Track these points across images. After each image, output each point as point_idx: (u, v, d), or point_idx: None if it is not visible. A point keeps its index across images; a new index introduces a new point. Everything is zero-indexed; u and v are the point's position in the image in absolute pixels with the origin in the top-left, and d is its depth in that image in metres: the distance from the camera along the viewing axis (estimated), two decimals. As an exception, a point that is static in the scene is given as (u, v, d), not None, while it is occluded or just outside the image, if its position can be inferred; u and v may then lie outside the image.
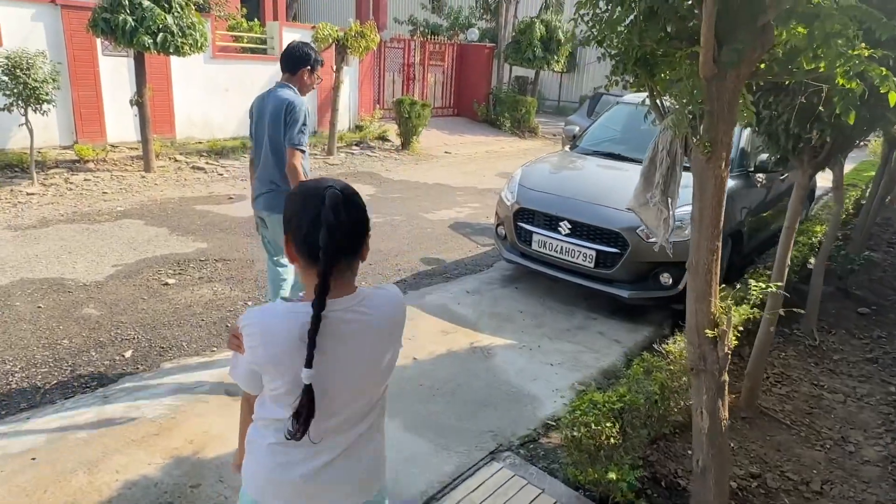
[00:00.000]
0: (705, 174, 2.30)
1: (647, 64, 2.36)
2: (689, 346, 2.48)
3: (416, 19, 20.16)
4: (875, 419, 3.80)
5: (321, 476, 1.46)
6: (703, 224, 2.35)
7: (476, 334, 4.62)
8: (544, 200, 5.22)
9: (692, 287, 2.42)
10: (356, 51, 11.30)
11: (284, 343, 1.35)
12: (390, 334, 1.51)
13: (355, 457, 1.50)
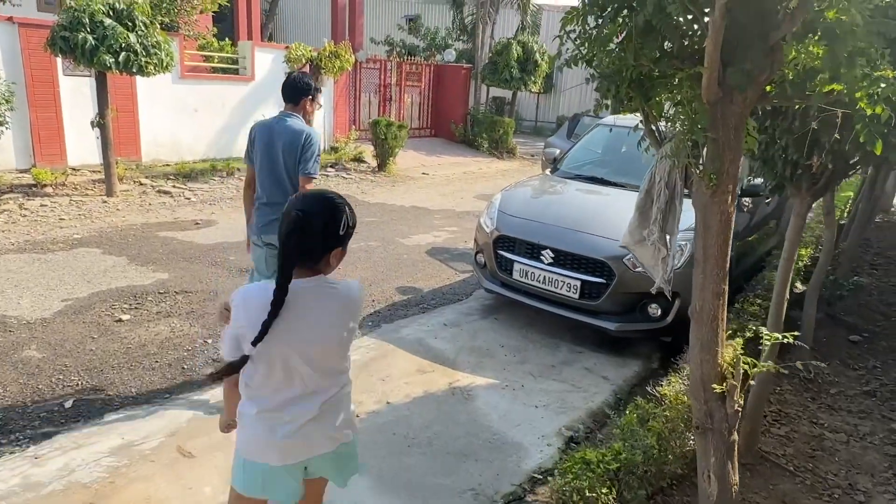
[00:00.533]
0: (710, 209, 2.04)
1: (641, 86, 2.11)
2: (695, 401, 2.21)
3: (393, 40, 20.05)
4: (881, 462, 3.56)
5: (296, 435, 1.80)
6: (707, 265, 2.08)
7: (455, 373, 4.30)
8: (526, 227, 4.96)
9: (696, 335, 2.15)
10: (331, 71, 11.05)
11: (258, 309, 1.68)
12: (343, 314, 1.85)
13: (322, 420, 1.84)
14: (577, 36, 2.12)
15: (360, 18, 17.25)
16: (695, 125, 1.92)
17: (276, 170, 3.52)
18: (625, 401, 4.15)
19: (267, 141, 3.53)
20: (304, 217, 1.72)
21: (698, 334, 2.14)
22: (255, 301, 1.72)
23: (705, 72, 1.83)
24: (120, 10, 7.69)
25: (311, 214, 1.73)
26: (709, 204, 2.02)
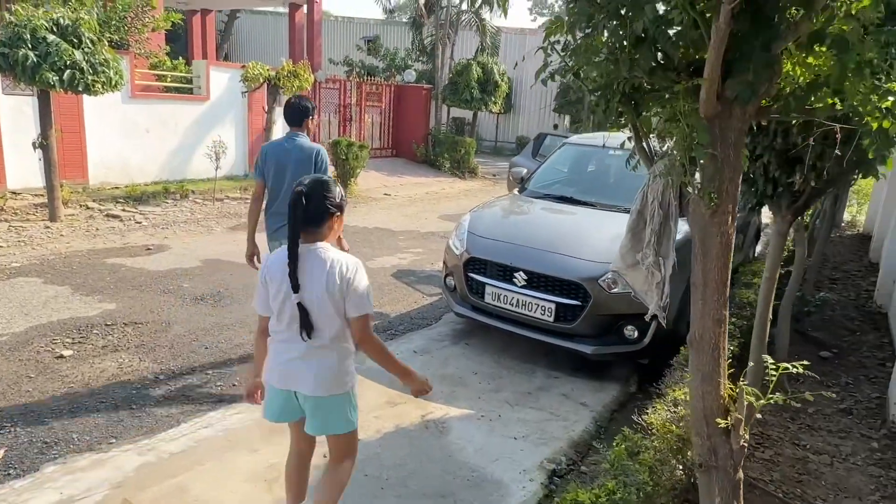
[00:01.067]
0: (708, 231, 1.91)
1: (631, 100, 1.97)
2: (696, 437, 2.05)
3: (352, 60, 19.93)
4: (867, 483, 3.49)
5: (291, 365, 2.30)
6: (707, 290, 1.94)
7: (427, 404, 4.07)
8: (497, 249, 4.80)
9: (697, 366, 2.00)
10: (289, 91, 10.79)
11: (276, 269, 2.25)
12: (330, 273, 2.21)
13: (307, 361, 2.28)
14: (563, 47, 1.97)
15: (319, 39, 17.09)
16: (692, 141, 1.79)
17: (287, 181, 4.03)
18: (606, 428, 4.00)
19: (280, 158, 4.07)
20: (306, 190, 2.20)
21: (699, 364, 2.00)
22: (275, 264, 2.28)
23: (705, 84, 1.70)
24: (65, 25, 7.31)
25: (311, 187, 2.23)
26: (708, 225, 1.89)
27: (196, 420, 3.71)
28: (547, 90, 23.13)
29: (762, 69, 1.67)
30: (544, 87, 2.07)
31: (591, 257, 4.48)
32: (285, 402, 2.38)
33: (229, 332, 5.06)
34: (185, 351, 4.66)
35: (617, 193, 5.70)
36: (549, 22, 1.95)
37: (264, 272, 2.33)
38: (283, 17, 26.36)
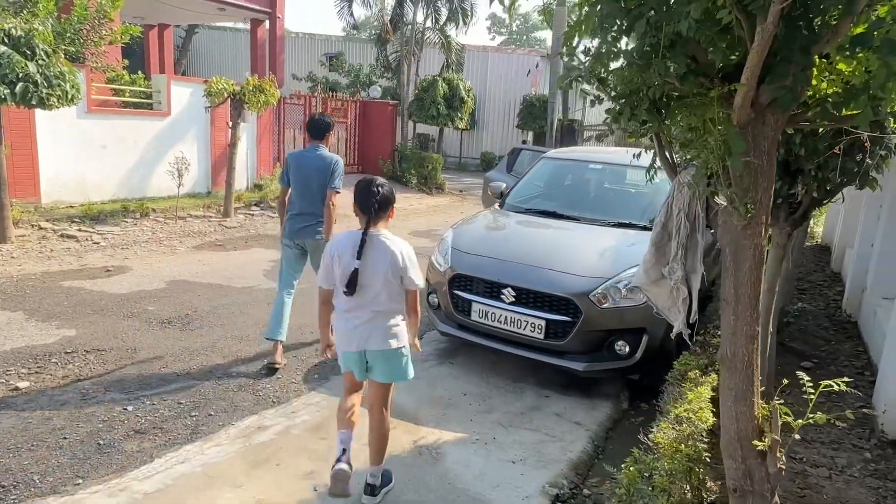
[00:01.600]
0: (741, 244, 1.82)
1: (655, 108, 1.88)
2: (730, 460, 1.95)
3: (316, 76, 19.71)
4: (867, 496, 3.46)
5: (360, 329, 2.87)
6: (739, 306, 1.85)
7: (418, 428, 3.90)
8: (483, 265, 4.68)
9: (729, 385, 1.91)
10: (255, 106, 10.52)
11: (346, 248, 2.80)
12: (394, 254, 2.82)
13: (374, 323, 2.86)
14: (584, 50, 1.87)
15: (281, 55, 16.85)
16: (726, 150, 1.70)
17: (309, 187, 4.57)
18: (603, 448, 3.89)
19: (302, 166, 4.57)
20: (379, 188, 2.85)
21: (731, 384, 1.90)
22: (345, 243, 2.83)
23: (741, 89, 1.62)
24: (17, 36, 6.93)
25: (382, 185, 2.89)
26: (740, 238, 1.80)
27: (171, 455, 3.44)
28: (510, 106, 23.39)
29: (801, 74, 1.60)
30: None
31: (581, 272, 4.40)
32: (357, 361, 2.97)
33: (201, 358, 4.78)
34: (154, 379, 4.37)
35: (600, 207, 5.68)
36: (570, 27, 1.86)
37: (333, 250, 2.85)
38: (242, 33, 25.96)
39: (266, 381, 4.46)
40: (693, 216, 2.10)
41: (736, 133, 1.67)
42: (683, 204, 2.10)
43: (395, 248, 2.83)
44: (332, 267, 2.85)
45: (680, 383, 3.82)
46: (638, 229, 5.13)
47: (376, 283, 2.82)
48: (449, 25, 17.76)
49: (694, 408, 3.40)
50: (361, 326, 2.86)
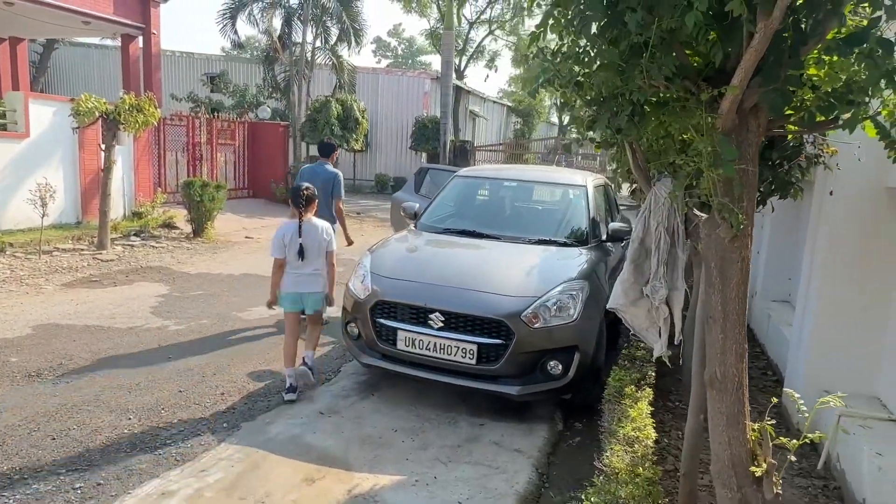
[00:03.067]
0: (728, 256, 1.72)
1: (635, 115, 1.74)
2: (723, 489, 1.82)
3: (197, 96, 18.55)
4: (801, 497, 3.55)
5: (301, 279, 4.47)
6: (727, 322, 1.74)
7: (351, 475, 3.52)
8: (408, 290, 4.41)
9: (720, 409, 1.79)
10: (132, 127, 9.59)
11: (291, 231, 4.39)
12: (320, 231, 4.51)
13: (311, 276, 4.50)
14: (555, 51, 1.69)
15: (158, 73, 15.66)
16: (716, 158, 1.58)
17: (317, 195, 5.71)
18: (548, 475, 3.72)
19: (311, 179, 5.68)
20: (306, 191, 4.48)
21: (722, 407, 1.78)
22: (289, 230, 4.40)
23: (731, 91, 1.52)
24: None
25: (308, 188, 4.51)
26: (727, 251, 1.70)
27: (52, 541, 2.82)
28: (403, 128, 23.38)
29: (792, 76, 1.52)
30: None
31: (511, 292, 4.26)
32: (293, 300, 4.53)
33: (82, 415, 4.09)
34: (23, 446, 3.65)
35: (518, 225, 5.62)
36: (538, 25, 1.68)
37: (282, 234, 4.43)
38: (110, 51, 24.03)
39: (166, 435, 3.88)
40: (672, 230, 1.99)
41: (726, 140, 1.57)
42: (662, 217, 1.98)
43: (320, 227, 4.54)
44: (282, 244, 4.42)
45: (619, 400, 3.76)
46: (558, 245, 5.11)
47: (313, 251, 4.47)
48: (340, 46, 17.44)
49: (640, 425, 3.33)
50: (303, 278, 4.49)
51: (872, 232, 3.80)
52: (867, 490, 3.17)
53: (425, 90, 23.38)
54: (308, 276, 4.48)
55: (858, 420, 3.53)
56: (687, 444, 3.21)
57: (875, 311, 3.90)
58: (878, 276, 3.85)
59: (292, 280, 4.46)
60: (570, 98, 1.77)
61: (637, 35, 1.50)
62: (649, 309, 2.11)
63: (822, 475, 3.75)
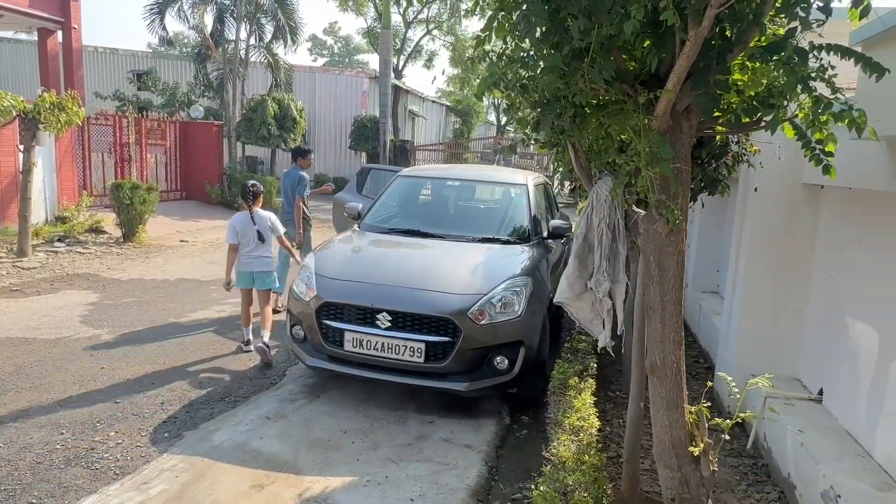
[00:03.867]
0: (665, 250, 1.82)
1: (577, 116, 1.82)
2: (665, 469, 1.93)
3: (124, 94, 17.73)
4: (732, 475, 3.77)
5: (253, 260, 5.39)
6: (665, 312, 1.85)
7: (301, 479, 3.49)
8: (354, 291, 4.40)
9: (660, 394, 1.89)
10: (53, 126, 9.07)
11: (243, 221, 5.37)
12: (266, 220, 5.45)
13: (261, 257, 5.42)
14: (500, 53, 1.75)
15: (80, 70, 14.91)
16: (654, 157, 1.68)
17: (287, 194, 6.84)
18: (497, 468, 3.80)
19: (284, 179, 6.91)
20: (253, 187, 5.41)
21: (662, 392, 1.89)
22: (242, 220, 5.34)
23: (666, 95, 1.61)
24: None
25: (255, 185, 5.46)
26: (664, 244, 1.80)
27: (-18, 566, 2.67)
28: (342, 127, 23.13)
29: (720, 81, 1.63)
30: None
31: (457, 290, 4.32)
32: (247, 278, 5.39)
33: (9, 432, 3.86)
34: None
35: (462, 223, 5.69)
36: (482, 29, 1.73)
37: (235, 223, 5.36)
38: (24, 45, 22.64)
39: (102, 449, 3.72)
40: (613, 225, 2.09)
41: (662, 140, 1.66)
42: (604, 214, 2.07)
43: (266, 217, 5.46)
44: (236, 232, 5.33)
45: (563, 392, 3.88)
46: (501, 243, 5.21)
47: (266, 234, 5.38)
48: (275, 44, 17.06)
49: (584, 415, 3.45)
50: (253, 259, 5.36)
51: (791, 225, 4.08)
52: (791, 465, 3.40)
53: (364, 89, 23.22)
54: (258, 258, 5.36)
55: (783, 401, 3.79)
56: (629, 431, 3.36)
57: (795, 300, 4.19)
58: (796, 266, 4.14)
59: (245, 262, 5.36)
60: (516, 100, 1.84)
61: (578, 41, 1.58)
62: (593, 302, 2.21)
63: (751, 454, 3.99)
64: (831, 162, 1.77)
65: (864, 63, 1.64)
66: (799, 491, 3.26)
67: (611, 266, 2.13)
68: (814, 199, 4.03)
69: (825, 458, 3.10)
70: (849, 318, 3.54)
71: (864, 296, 3.39)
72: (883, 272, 3.17)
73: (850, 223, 3.62)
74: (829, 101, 1.66)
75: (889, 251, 3.13)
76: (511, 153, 2.67)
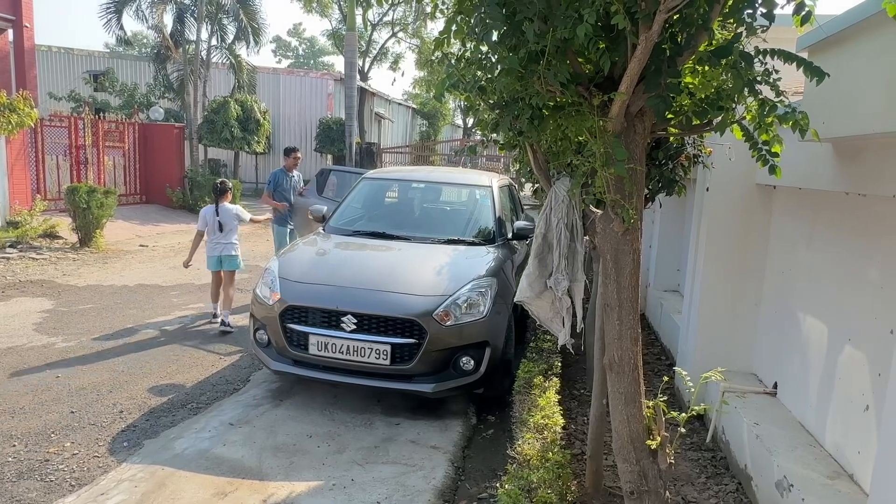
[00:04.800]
0: (621, 248, 1.86)
1: (535, 118, 1.86)
2: (624, 463, 1.97)
3: (80, 95, 17.22)
4: (693, 468, 3.86)
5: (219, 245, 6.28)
6: (622, 310, 1.89)
7: (265, 485, 3.44)
8: (318, 294, 4.36)
9: (619, 389, 1.93)
10: (4, 128, 8.79)
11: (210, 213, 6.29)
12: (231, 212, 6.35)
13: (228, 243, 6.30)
14: (459, 56, 1.77)
15: (32, 70, 14.42)
16: (609, 158, 1.72)
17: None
18: (463, 468, 3.82)
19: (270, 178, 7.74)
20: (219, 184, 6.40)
21: (620, 387, 1.93)
22: (209, 211, 6.27)
23: (619, 97, 1.66)
24: None
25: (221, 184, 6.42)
26: (620, 243, 1.84)
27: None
28: (307, 129, 22.90)
29: (671, 84, 1.68)
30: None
31: (423, 292, 4.33)
32: (216, 261, 6.25)
33: (-43, 445, 3.71)
34: None
35: (427, 225, 5.70)
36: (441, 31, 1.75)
37: (204, 213, 6.26)
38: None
39: (58, 460, 3.61)
40: (571, 225, 2.13)
41: (617, 141, 1.70)
42: (562, 214, 2.11)
43: (233, 209, 6.28)
44: (205, 221, 6.20)
45: (528, 391, 3.93)
46: (467, 244, 5.24)
47: (229, 225, 6.20)
48: (238, 45, 16.80)
49: (548, 413, 3.50)
50: (220, 245, 6.21)
51: (746, 225, 4.21)
52: (747, 457, 3.51)
53: (329, 91, 23.03)
54: (220, 244, 6.20)
55: (739, 394, 3.90)
56: (592, 427, 3.41)
57: (750, 297, 4.32)
58: (751, 265, 4.27)
59: (212, 247, 6.22)
60: (475, 102, 1.86)
61: (534, 43, 1.61)
62: (553, 300, 2.25)
63: (710, 448, 4.10)
64: (777, 162, 1.85)
65: (805, 67, 1.71)
66: (755, 482, 3.36)
67: (569, 265, 2.17)
68: (767, 199, 4.17)
69: (779, 448, 3.21)
70: (800, 314, 3.67)
71: (813, 292, 3.52)
72: (830, 269, 3.30)
73: (800, 222, 3.76)
74: (774, 104, 1.74)
75: (835, 249, 3.26)
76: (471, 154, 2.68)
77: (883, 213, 2.71)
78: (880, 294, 2.72)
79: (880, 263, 2.76)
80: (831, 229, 3.33)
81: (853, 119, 2.27)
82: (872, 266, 2.84)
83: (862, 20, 2.13)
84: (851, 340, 3.02)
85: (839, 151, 2.82)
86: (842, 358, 3.10)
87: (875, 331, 2.75)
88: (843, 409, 3.07)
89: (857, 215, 3.01)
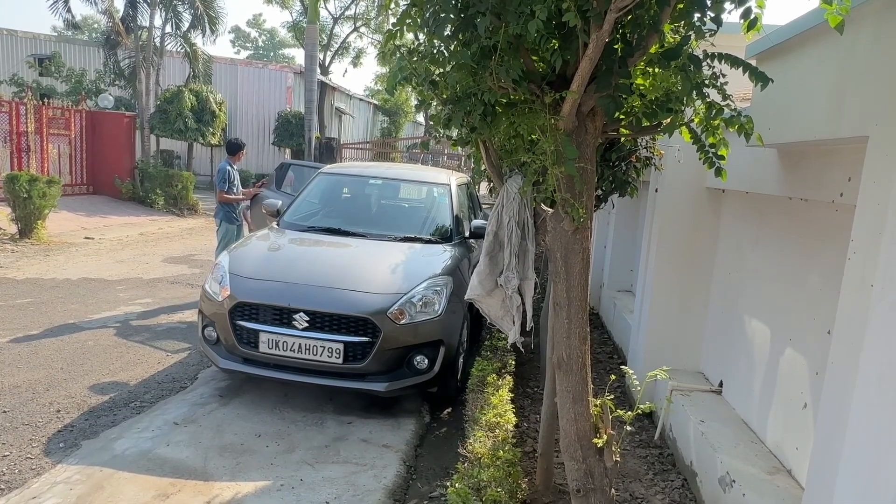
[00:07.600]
0: (571, 247, 1.87)
1: (487, 114, 1.84)
2: (571, 461, 1.98)
3: (22, 80, 16.44)
4: (641, 465, 3.93)
5: None
6: (571, 308, 1.90)
7: (210, 486, 3.34)
8: (270, 290, 4.26)
9: (567, 388, 1.94)
10: (-63, 111, 8.29)
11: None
12: None
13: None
14: (411, 50, 1.74)
15: (-29, 51, 13.72)
16: (560, 156, 1.72)
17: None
18: (415, 467, 3.79)
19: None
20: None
21: (568, 386, 1.93)
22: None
23: (571, 96, 1.65)
24: None
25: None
26: (570, 242, 1.85)
27: None
28: (265, 123, 22.45)
29: (622, 84, 1.69)
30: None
31: (377, 289, 4.28)
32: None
33: None
34: None
35: (383, 222, 5.65)
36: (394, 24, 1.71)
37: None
38: None
39: (-13, 463, 3.42)
40: (522, 223, 2.12)
41: (568, 140, 1.70)
42: (514, 212, 2.10)
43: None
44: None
45: (482, 389, 3.92)
46: (423, 242, 5.21)
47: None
48: (194, 33, 16.31)
49: (501, 411, 3.50)
50: None
51: (695, 227, 4.31)
52: (693, 454, 3.59)
53: (289, 84, 22.64)
54: None
55: (686, 392, 3.99)
56: (543, 425, 3.44)
57: (698, 297, 4.42)
58: (700, 266, 4.37)
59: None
60: (428, 96, 1.84)
61: (486, 39, 1.59)
62: (503, 298, 2.24)
63: (658, 445, 4.18)
64: (724, 165, 1.88)
65: (751, 72, 1.75)
66: (700, 478, 3.44)
67: (520, 263, 2.17)
68: (716, 202, 4.28)
69: (723, 445, 3.29)
70: (745, 315, 3.77)
71: (757, 293, 3.62)
72: (774, 271, 3.40)
73: (747, 225, 3.87)
74: (721, 107, 1.77)
75: (779, 251, 3.36)
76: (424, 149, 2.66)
77: (822, 217, 2.80)
78: (819, 295, 2.82)
79: (820, 266, 2.86)
80: (775, 233, 3.43)
81: (797, 126, 2.34)
82: (813, 268, 2.94)
83: (806, 30, 2.20)
84: (792, 340, 3.12)
85: (783, 157, 2.91)
86: (783, 357, 3.20)
87: (814, 331, 2.85)
88: (783, 408, 3.17)
89: (799, 219, 3.11)
